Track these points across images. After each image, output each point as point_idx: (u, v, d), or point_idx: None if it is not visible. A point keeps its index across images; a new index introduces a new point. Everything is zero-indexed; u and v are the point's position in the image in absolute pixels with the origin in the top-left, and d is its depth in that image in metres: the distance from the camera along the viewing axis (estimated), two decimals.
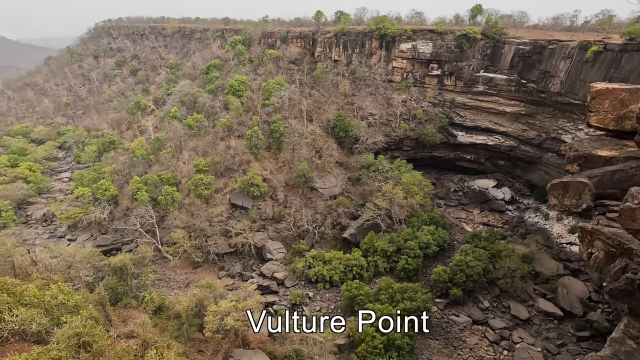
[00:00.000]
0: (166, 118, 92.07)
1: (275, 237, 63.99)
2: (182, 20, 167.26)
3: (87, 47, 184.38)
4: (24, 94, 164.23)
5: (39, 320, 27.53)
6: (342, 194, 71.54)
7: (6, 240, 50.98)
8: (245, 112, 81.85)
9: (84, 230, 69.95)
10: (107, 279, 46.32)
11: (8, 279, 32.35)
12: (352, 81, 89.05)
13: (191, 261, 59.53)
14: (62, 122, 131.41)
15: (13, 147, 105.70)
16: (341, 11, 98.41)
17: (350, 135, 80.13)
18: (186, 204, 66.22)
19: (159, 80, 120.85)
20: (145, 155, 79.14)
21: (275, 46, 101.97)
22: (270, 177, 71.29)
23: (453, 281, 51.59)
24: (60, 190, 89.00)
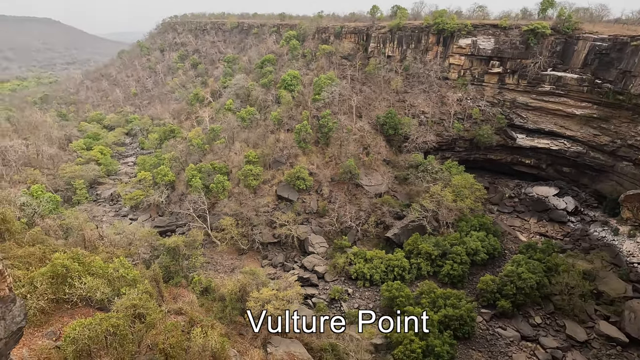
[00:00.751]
0: (221, 110, 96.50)
1: (318, 231, 64.69)
2: (240, 16, 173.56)
3: (155, 42, 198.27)
4: (100, 84, 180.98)
5: (102, 289, 30.44)
6: (387, 193, 70.33)
7: (79, 216, 57.03)
8: (295, 106, 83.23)
9: (144, 211, 75.85)
10: (161, 257, 49.87)
11: (79, 250, 36.14)
12: (405, 78, 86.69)
13: (237, 248, 62.13)
14: (130, 111, 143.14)
15: (88, 132, 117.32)
16: (398, 5, 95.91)
17: (399, 133, 78.30)
18: (235, 192, 69.09)
19: (216, 73, 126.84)
20: (201, 144, 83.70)
21: (329, 41, 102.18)
22: (317, 171, 71.99)
23: (502, 292, 48.69)
24: (125, 173, 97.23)
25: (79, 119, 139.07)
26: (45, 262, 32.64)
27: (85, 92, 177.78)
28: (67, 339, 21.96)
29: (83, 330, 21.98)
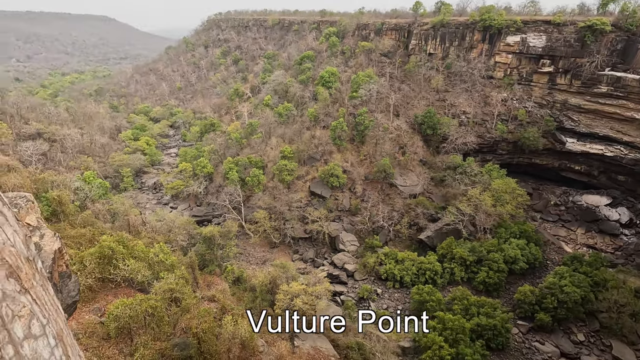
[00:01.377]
0: (260, 105, 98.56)
1: (349, 229, 64.52)
2: (282, 13, 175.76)
3: (200, 38, 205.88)
4: (148, 78, 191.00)
5: (143, 272, 32.28)
6: (422, 194, 68.67)
7: (125, 202, 60.76)
8: (332, 103, 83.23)
9: (183, 201, 79.40)
10: (198, 246, 52.04)
11: (124, 234, 38.57)
12: (446, 76, 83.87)
13: (269, 241, 63.44)
14: (175, 104, 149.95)
15: (136, 124, 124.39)
16: (442, 1, 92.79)
17: (438, 133, 76.02)
18: (270, 187, 70.47)
19: (256, 69, 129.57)
20: (239, 138, 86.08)
21: (369, 38, 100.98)
22: (351, 169, 71.71)
23: (541, 305, 46.09)
24: (168, 164, 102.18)
25: (128, 111, 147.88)
26: (94, 243, 35.14)
27: (135, 85, 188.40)
28: (111, 316, 23.54)
29: (125, 310, 23.45)
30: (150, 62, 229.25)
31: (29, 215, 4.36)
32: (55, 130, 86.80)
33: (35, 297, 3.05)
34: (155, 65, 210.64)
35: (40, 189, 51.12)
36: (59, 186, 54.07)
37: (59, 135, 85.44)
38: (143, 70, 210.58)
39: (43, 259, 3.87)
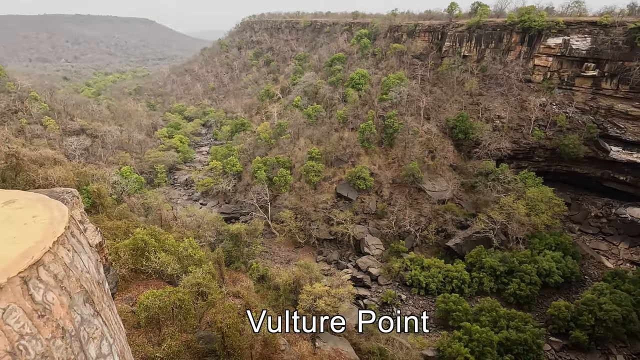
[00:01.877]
0: (289, 106, 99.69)
1: (374, 233, 63.87)
2: (314, 15, 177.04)
3: (234, 40, 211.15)
4: (184, 78, 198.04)
5: (173, 265, 33.45)
6: (452, 200, 66.86)
7: (158, 197, 63.24)
8: (362, 105, 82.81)
9: (212, 198, 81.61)
10: (225, 242, 53.29)
11: (156, 228, 40.15)
12: (481, 79, 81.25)
13: (294, 241, 63.93)
14: (208, 104, 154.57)
15: (171, 122, 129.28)
16: (479, 2, 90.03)
17: (470, 138, 73.76)
18: (296, 187, 71.05)
19: (287, 70, 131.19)
20: (268, 138, 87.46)
21: (401, 40, 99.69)
22: (378, 172, 71.00)
23: (577, 322, 43.57)
24: (199, 161, 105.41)
25: (164, 110, 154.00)
26: (128, 236, 36.81)
27: (171, 85, 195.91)
28: (141, 305, 24.55)
29: (154, 300, 24.39)
30: (186, 63, 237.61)
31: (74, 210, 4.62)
32: (97, 127, 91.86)
33: (105, 319, 3.27)
34: (190, 66, 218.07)
35: (81, 181, 54.24)
36: (98, 180, 57.12)
37: (100, 132, 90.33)
38: (179, 71, 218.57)
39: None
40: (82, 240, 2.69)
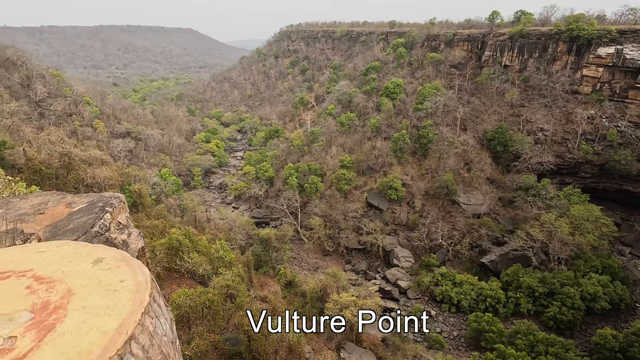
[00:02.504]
0: (323, 114, 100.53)
1: (405, 245, 62.48)
2: (351, 25, 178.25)
3: (271, 49, 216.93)
4: (222, 85, 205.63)
5: (204, 266, 34.43)
6: (488, 215, 64.17)
7: (194, 199, 65.60)
8: (396, 114, 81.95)
9: (245, 202, 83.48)
10: (255, 246, 54.18)
11: (190, 229, 41.61)
12: (523, 90, 77.93)
13: (322, 248, 63.84)
14: (244, 110, 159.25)
15: (209, 127, 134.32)
16: (522, 10, 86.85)
17: (509, 150, 70.70)
18: (327, 195, 71.15)
19: (322, 79, 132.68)
20: (301, 145, 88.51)
21: (439, 49, 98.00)
22: (410, 182, 69.64)
23: (626, 353, 40.02)
24: (234, 166, 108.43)
25: (203, 115, 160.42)
26: (164, 235, 38.39)
27: (210, 92, 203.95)
28: (173, 304, 25.41)
29: (185, 300, 25.18)
30: (225, 71, 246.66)
31: (120, 215, 4.93)
32: (141, 130, 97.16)
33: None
34: (229, 73, 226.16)
35: (125, 181, 57.44)
36: (140, 180, 60.24)
37: (144, 135, 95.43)
38: (218, 78, 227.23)
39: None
40: (160, 303, 2.79)
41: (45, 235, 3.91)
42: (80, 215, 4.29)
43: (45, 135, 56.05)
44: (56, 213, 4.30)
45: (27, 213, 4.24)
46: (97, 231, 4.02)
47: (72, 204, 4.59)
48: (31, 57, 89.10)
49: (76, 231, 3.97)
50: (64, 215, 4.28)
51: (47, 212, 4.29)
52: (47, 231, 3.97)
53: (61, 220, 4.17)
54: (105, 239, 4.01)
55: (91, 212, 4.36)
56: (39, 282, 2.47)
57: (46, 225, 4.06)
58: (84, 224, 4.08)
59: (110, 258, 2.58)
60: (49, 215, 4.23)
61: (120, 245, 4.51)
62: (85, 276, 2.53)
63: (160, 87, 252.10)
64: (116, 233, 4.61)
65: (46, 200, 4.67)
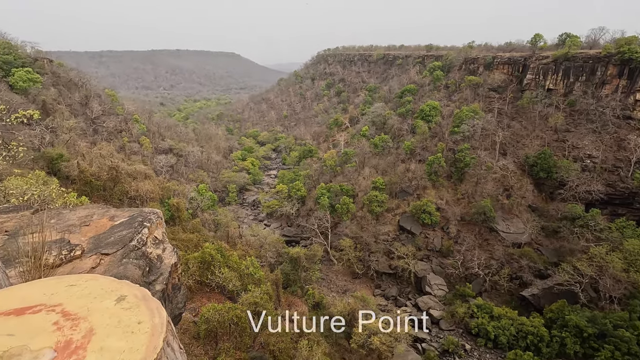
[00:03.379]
0: (356, 135, 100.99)
1: (438, 272, 59.99)
2: (387, 48, 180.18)
3: (308, 71, 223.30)
4: (260, 106, 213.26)
5: (234, 282, 34.90)
6: (529, 244, 60.45)
7: (228, 214, 67.31)
8: (431, 137, 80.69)
9: (276, 220, 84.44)
10: (284, 264, 54.27)
11: (223, 244, 42.58)
12: (568, 114, 74.22)
13: (352, 271, 62.70)
14: (279, 130, 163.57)
15: (245, 146, 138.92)
16: (568, 33, 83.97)
17: (553, 177, 66.92)
18: (358, 216, 70.43)
19: (357, 101, 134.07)
20: (333, 166, 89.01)
21: (477, 72, 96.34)
22: (445, 207, 67.47)
23: None
24: (267, 184, 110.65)
25: (240, 134, 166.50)
26: (198, 248, 39.53)
27: (249, 112, 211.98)
28: (202, 318, 25.83)
29: (214, 314, 25.52)
30: (263, 92, 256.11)
31: (157, 230, 5.21)
32: (183, 147, 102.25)
33: None
34: (267, 95, 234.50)
35: (165, 195, 60.29)
36: (178, 195, 62.96)
37: (185, 152, 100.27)
38: (257, 99, 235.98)
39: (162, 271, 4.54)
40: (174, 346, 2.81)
41: (89, 247, 4.22)
42: (120, 228, 4.59)
43: (97, 149, 60.49)
44: (100, 225, 4.62)
45: (74, 224, 4.61)
46: (134, 245, 4.26)
47: (114, 217, 4.92)
48: (90, 79, 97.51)
49: (116, 244, 4.24)
50: (107, 228, 4.60)
51: (92, 224, 4.63)
52: (90, 242, 4.27)
53: (104, 233, 4.48)
54: (142, 253, 4.24)
55: (130, 226, 4.64)
56: (65, 318, 2.57)
57: (90, 236, 4.37)
58: (123, 238, 4.35)
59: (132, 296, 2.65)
60: (93, 227, 4.56)
61: (155, 259, 4.74)
62: (107, 315, 2.61)
63: (203, 107, 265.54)
64: (152, 248, 4.85)
65: (92, 213, 5.05)
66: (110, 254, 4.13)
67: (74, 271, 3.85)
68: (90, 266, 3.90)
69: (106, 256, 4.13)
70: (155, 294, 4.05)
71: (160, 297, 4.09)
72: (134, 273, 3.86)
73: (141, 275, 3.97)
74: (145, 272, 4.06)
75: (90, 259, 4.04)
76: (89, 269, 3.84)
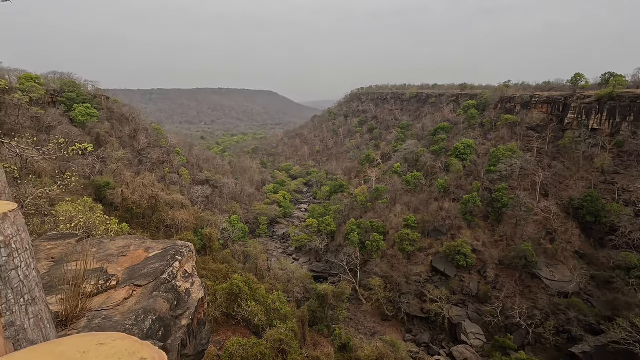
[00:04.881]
0: (388, 172, 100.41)
1: (475, 319, 55.94)
2: (420, 87, 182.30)
3: (342, 109, 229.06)
4: (294, 141, 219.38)
5: (260, 316, 34.42)
6: (577, 295, 55.40)
7: (257, 247, 67.74)
8: (466, 176, 78.60)
9: (305, 254, 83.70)
10: (311, 301, 52.97)
11: (251, 276, 42.56)
12: (616, 155, 70.09)
13: (381, 312, 59.96)
14: (311, 165, 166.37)
15: (278, 179, 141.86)
16: (611, 72, 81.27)
17: (602, 222, 62.20)
18: (389, 254, 68.35)
19: (389, 138, 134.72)
20: (364, 202, 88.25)
21: (514, 111, 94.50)
22: (482, 249, 64.08)
23: None
24: (298, 217, 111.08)
25: (273, 168, 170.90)
26: (227, 280, 39.73)
27: (282, 147, 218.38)
28: (227, 352, 25.43)
29: (239, 349, 25.08)
30: (297, 128, 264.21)
31: (187, 263, 5.39)
32: (218, 179, 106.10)
33: None
34: (301, 130, 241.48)
35: (198, 225, 62.04)
36: (211, 225, 64.55)
37: (220, 183, 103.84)
38: (291, 135, 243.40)
39: (189, 305, 4.66)
40: None
41: (123, 277, 4.43)
42: (154, 261, 4.78)
43: (140, 179, 64.16)
44: (135, 256, 4.84)
45: (113, 254, 4.87)
46: (165, 278, 4.40)
47: (149, 249, 5.15)
48: (140, 114, 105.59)
49: (148, 276, 4.41)
50: (142, 259, 4.81)
51: (128, 255, 4.87)
52: (125, 273, 4.48)
53: (138, 264, 4.69)
54: (172, 287, 4.37)
55: (163, 259, 4.83)
56: None
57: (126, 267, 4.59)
58: (155, 270, 4.52)
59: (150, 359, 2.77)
60: (129, 258, 4.79)
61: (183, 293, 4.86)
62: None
63: (240, 141, 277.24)
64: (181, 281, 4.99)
65: (130, 243, 5.33)
66: (143, 285, 4.30)
67: (108, 301, 4.04)
68: (123, 297, 4.07)
69: (139, 288, 4.30)
70: (180, 328, 4.12)
71: (185, 333, 4.15)
72: (162, 306, 3.97)
73: (169, 309, 4.07)
74: (173, 306, 4.16)
75: (124, 289, 4.23)
76: (122, 300, 4.01)
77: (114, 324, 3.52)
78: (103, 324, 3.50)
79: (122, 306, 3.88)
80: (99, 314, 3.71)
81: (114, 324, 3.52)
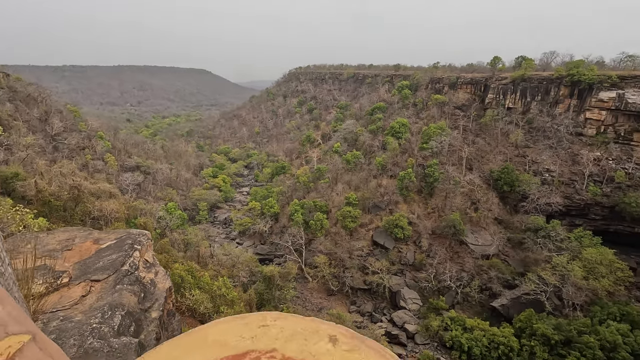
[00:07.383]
0: (329, 152, 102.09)
1: (412, 286, 60.69)
2: (357, 67, 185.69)
3: (280, 89, 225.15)
4: (232, 123, 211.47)
5: (206, 304, 33.45)
6: (497, 256, 62.70)
7: (198, 233, 65.21)
8: (401, 153, 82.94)
9: (249, 238, 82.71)
10: (257, 284, 52.90)
11: (193, 264, 40.97)
12: (527, 131, 79.08)
13: (327, 288, 62.13)
14: (251, 147, 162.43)
15: (216, 163, 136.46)
16: (523, 56, 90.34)
17: (516, 190, 70.43)
18: (332, 232, 70.42)
19: (329, 118, 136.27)
20: (306, 182, 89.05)
21: (443, 91, 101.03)
22: (417, 221, 68.96)
23: None
24: (239, 201, 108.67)
25: (211, 151, 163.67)
26: (167, 270, 37.78)
27: (220, 129, 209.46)
28: None
29: None
30: (235, 109, 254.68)
31: (147, 252, 4.92)
32: (151, 165, 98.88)
33: None
34: (239, 111, 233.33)
35: (131, 215, 57.57)
36: (146, 214, 60.37)
37: (153, 169, 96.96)
38: (228, 116, 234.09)
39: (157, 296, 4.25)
40: None
41: (75, 273, 3.89)
42: (109, 252, 4.29)
43: (57, 167, 57.18)
44: (84, 250, 4.30)
45: (55, 249, 4.25)
46: (127, 270, 3.98)
47: (99, 240, 4.60)
48: (51, 94, 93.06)
49: (107, 269, 3.94)
50: (92, 252, 4.28)
51: (74, 249, 4.30)
52: (76, 268, 3.95)
53: (90, 258, 4.16)
54: (135, 278, 3.96)
55: (120, 250, 4.36)
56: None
57: (75, 262, 4.05)
58: (114, 262, 4.05)
59: (341, 335, 2.27)
60: (76, 251, 4.24)
61: (148, 284, 4.46)
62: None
63: (172, 123, 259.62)
64: (144, 272, 4.57)
65: (73, 236, 4.70)
66: (102, 280, 3.83)
67: (62, 300, 3.52)
68: (80, 294, 3.57)
69: (97, 283, 3.82)
70: (152, 322, 3.76)
71: (157, 325, 3.80)
72: (129, 300, 3.57)
73: (137, 302, 3.68)
74: (140, 299, 3.77)
75: (79, 286, 3.72)
76: (78, 298, 3.52)
77: (77, 325, 3.07)
78: (62, 326, 3.04)
79: (81, 304, 3.42)
80: (54, 315, 3.21)
81: (76, 324, 3.07)
